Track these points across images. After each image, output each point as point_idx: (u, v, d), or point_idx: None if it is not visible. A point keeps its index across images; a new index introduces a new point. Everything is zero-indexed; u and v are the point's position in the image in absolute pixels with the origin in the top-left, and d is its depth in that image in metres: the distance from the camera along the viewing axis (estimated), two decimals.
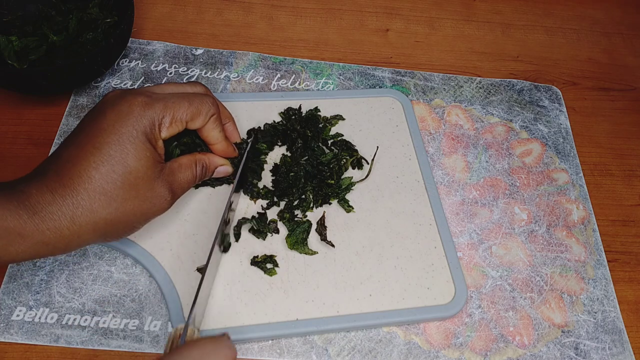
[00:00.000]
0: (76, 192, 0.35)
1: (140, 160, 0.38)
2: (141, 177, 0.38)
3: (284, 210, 0.48)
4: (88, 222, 0.36)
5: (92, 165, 0.36)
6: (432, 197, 0.51)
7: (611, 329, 0.48)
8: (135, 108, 0.38)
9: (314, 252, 0.46)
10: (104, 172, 0.36)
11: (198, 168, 0.44)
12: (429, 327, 0.45)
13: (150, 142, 0.39)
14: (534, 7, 0.74)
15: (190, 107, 0.41)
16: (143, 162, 0.38)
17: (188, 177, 0.43)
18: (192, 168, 0.43)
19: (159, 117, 0.39)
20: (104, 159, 0.36)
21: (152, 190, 0.39)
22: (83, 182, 0.36)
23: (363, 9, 0.70)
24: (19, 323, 0.42)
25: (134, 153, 0.37)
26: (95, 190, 0.36)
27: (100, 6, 0.58)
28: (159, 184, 0.39)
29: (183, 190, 0.42)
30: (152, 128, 0.39)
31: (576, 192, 0.56)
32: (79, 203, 0.35)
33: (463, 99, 0.62)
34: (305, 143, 0.52)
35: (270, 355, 0.43)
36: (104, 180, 0.36)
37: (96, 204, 0.36)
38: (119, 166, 0.37)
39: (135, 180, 0.37)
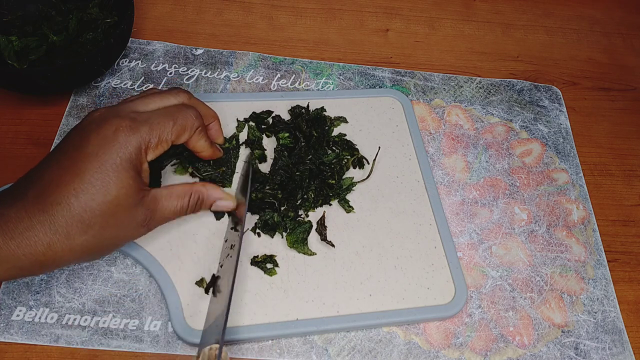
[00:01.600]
0: (54, 219, 0.35)
1: (121, 189, 0.37)
2: (121, 205, 0.37)
3: (288, 208, 0.48)
4: (64, 248, 0.36)
5: (72, 192, 0.35)
6: (432, 197, 0.51)
7: (611, 329, 0.48)
8: (120, 134, 0.37)
9: (313, 252, 0.46)
10: (84, 200, 0.36)
11: (192, 199, 0.43)
12: (429, 327, 0.45)
13: (135, 168, 0.38)
14: (534, 7, 0.74)
15: (175, 125, 0.41)
16: (124, 191, 0.37)
17: (174, 206, 0.41)
18: (182, 198, 0.42)
19: (145, 141, 0.39)
20: (84, 186, 0.36)
21: (130, 218, 0.38)
22: (62, 209, 0.35)
23: (363, 9, 0.70)
24: (19, 323, 0.42)
25: (115, 182, 0.37)
26: (73, 217, 0.35)
27: (100, 6, 0.58)
28: (139, 211, 0.39)
29: (165, 219, 0.42)
30: (137, 154, 0.38)
31: (576, 192, 0.56)
32: (57, 230, 0.35)
33: (463, 99, 0.62)
34: (309, 143, 0.52)
35: (270, 355, 0.43)
36: (82, 209, 0.36)
37: (73, 231, 0.35)
38: (99, 195, 0.36)
39: (114, 209, 0.37)
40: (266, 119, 0.54)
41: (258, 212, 0.48)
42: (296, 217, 0.48)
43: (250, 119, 0.54)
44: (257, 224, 0.47)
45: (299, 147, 0.51)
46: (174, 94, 0.43)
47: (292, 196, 0.48)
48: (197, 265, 0.45)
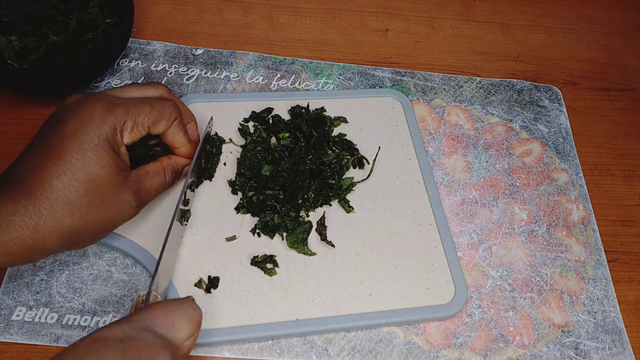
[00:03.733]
0: (38, 202, 0.35)
1: (102, 168, 0.37)
2: (105, 184, 0.37)
3: (289, 208, 0.48)
4: (51, 231, 0.35)
5: (54, 174, 0.36)
6: (432, 197, 0.51)
7: (611, 329, 0.48)
8: (96, 114, 0.38)
9: (313, 253, 0.46)
10: (66, 181, 0.36)
11: (168, 174, 0.44)
12: (429, 327, 0.45)
13: (113, 148, 0.38)
14: (534, 7, 0.74)
15: (152, 111, 0.41)
16: (106, 169, 0.37)
17: (156, 183, 0.42)
18: (160, 174, 0.43)
19: (120, 123, 0.39)
20: (65, 167, 0.36)
21: (117, 197, 0.38)
22: (45, 192, 0.35)
23: (363, 9, 0.70)
24: (19, 323, 0.42)
25: (95, 160, 0.37)
26: (57, 199, 0.35)
27: (100, 6, 0.58)
28: (124, 191, 0.39)
29: (151, 197, 0.42)
30: (113, 134, 0.38)
31: (576, 192, 0.56)
32: (42, 213, 0.35)
33: (463, 99, 0.62)
34: (309, 143, 0.52)
35: (270, 355, 0.43)
36: (66, 189, 0.36)
37: (59, 212, 0.36)
38: (81, 174, 0.36)
39: (98, 188, 0.37)
40: (266, 118, 0.54)
41: (259, 214, 0.48)
42: (297, 217, 0.48)
43: (250, 118, 0.54)
44: (257, 225, 0.47)
45: (299, 147, 0.51)
46: (152, 87, 0.44)
47: (294, 197, 0.48)
48: (197, 265, 0.45)
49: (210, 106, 0.55)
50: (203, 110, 0.54)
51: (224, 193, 0.49)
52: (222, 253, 0.46)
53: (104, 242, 0.45)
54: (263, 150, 0.51)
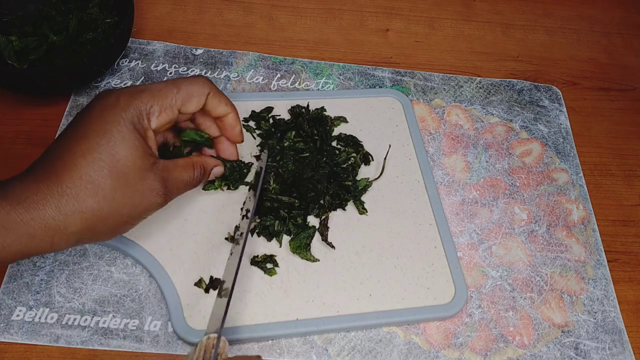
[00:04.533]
0: (61, 180, 0.35)
1: (128, 149, 0.37)
2: (130, 166, 0.37)
3: (299, 214, 0.48)
4: (74, 211, 0.35)
5: (78, 153, 0.36)
6: (432, 197, 0.51)
7: (611, 329, 0.48)
8: (121, 99, 0.38)
9: (316, 259, 0.46)
10: (90, 160, 0.36)
11: (197, 171, 0.43)
12: (429, 327, 0.45)
13: (139, 131, 0.38)
14: (534, 7, 0.74)
15: (180, 91, 0.40)
16: (131, 152, 0.37)
17: (185, 178, 0.42)
18: (189, 169, 0.43)
19: (146, 107, 0.39)
20: (90, 147, 0.36)
21: (143, 182, 0.38)
22: (69, 170, 0.35)
23: (363, 9, 0.70)
24: (19, 323, 0.42)
25: (120, 141, 0.37)
26: (81, 178, 0.35)
27: (100, 6, 0.58)
28: (151, 177, 0.38)
29: (179, 190, 0.42)
30: (139, 118, 0.38)
31: (576, 192, 0.56)
32: (64, 191, 0.35)
33: (463, 99, 0.62)
34: (315, 144, 0.52)
35: (270, 355, 0.43)
36: (90, 168, 0.35)
37: (82, 192, 0.35)
38: (105, 154, 0.36)
39: (123, 169, 0.37)
40: (267, 117, 0.54)
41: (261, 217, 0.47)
42: (304, 223, 0.48)
43: (250, 118, 0.54)
44: (256, 227, 0.47)
45: (311, 149, 0.51)
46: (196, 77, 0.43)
47: (308, 204, 0.48)
48: (197, 265, 0.45)
49: None
50: None
51: (224, 193, 0.49)
52: (222, 253, 0.46)
53: (104, 242, 0.45)
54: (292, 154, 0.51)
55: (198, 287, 0.44)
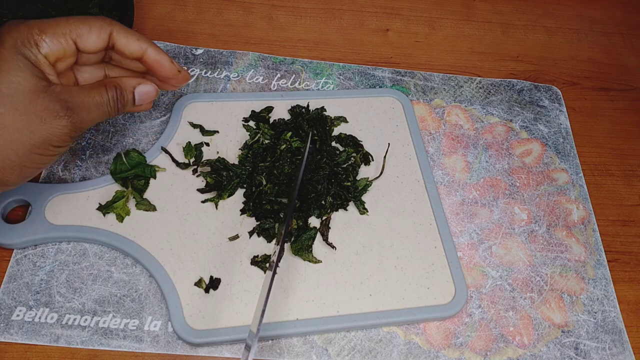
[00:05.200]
0: None
1: (10, 71, 0.35)
2: (15, 87, 0.35)
3: (299, 216, 0.47)
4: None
5: None
6: (432, 197, 0.51)
7: (611, 329, 0.48)
8: (6, 27, 0.36)
9: (318, 260, 0.46)
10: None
11: (110, 91, 0.40)
12: (429, 327, 0.45)
13: (23, 54, 0.36)
14: (534, 7, 0.74)
15: (74, 21, 0.38)
16: (15, 73, 0.35)
17: (96, 99, 0.39)
18: (101, 90, 0.39)
19: (31, 32, 0.36)
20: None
21: (35, 103, 0.35)
22: None
23: (363, 9, 0.70)
24: (19, 323, 0.42)
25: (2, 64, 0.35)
26: None
27: (100, 6, 0.58)
28: (46, 98, 0.36)
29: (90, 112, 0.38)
30: (23, 42, 0.36)
31: (576, 192, 0.56)
32: None
33: (463, 99, 0.62)
34: (315, 145, 0.52)
35: (270, 355, 0.43)
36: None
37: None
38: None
39: (8, 91, 0.34)
40: (267, 116, 0.54)
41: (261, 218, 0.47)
42: (305, 225, 0.48)
43: (250, 118, 0.54)
44: (255, 229, 0.47)
45: (310, 150, 0.51)
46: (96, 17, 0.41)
47: (309, 206, 0.48)
48: (197, 265, 0.45)
49: (211, 106, 0.55)
50: (203, 110, 0.54)
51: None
52: (222, 253, 0.46)
53: (104, 242, 0.45)
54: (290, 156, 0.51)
55: (198, 287, 0.44)
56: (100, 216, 0.46)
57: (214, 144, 0.52)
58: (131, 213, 0.46)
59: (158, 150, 0.51)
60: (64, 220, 0.45)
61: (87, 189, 0.47)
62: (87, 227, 0.45)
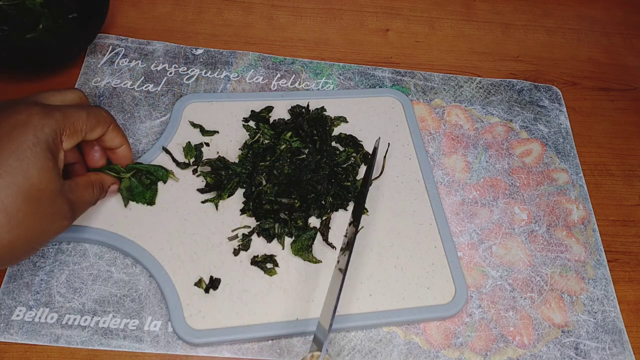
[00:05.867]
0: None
1: (42, 171, 0.34)
2: (43, 190, 0.35)
3: (299, 216, 0.48)
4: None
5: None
6: (432, 197, 0.51)
7: (611, 329, 0.48)
8: (33, 117, 0.35)
9: (318, 260, 0.46)
10: (4, 185, 0.33)
11: (96, 189, 0.42)
12: (429, 327, 0.45)
13: (52, 153, 0.36)
14: (534, 7, 0.74)
15: (89, 117, 0.39)
16: (45, 174, 0.35)
17: (87, 197, 0.41)
18: (90, 189, 0.42)
19: (60, 127, 0.37)
20: (2, 170, 0.33)
21: (53, 206, 0.36)
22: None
23: (363, 9, 0.70)
24: (19, 323, 0.42)
25: (35, 163, 0.34)
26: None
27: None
28: (61, 200, 0.36)
29: (82, 210, 0.41)
30: (54, 138, 0.36)
31: (576, 192, 0.56)
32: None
33: (463, 99, 0.62)
34: (315, 145, 0.52)
35: (270, 355, 0.43)
36: (3, 194, 0.32)
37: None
38: (19, 178, 0.33)
39: (37, 194, 0.34)
40: (267, 116, 0.54)
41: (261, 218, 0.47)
42: (305, 225, 0.48)
43: (250, 118, 0.54)
44: (255, 229, 0.47)
45: (310, 151, 0.51)
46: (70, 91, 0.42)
47: (309, 206, 0.48)
48: (197, 265, 0.45)
49: (210, 106, 0.55)
50: (203, 110, 0.54)
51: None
52: (222, 253, 0.46)
53: (104, 242, 0.45)
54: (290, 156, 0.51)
55: (198, 287, 0.44)
56: (100, 216, 0.46)
57: (214, 144, 0.52)
58: (130, 210, 0.46)
59: (158, 150, 0.51)
60: None
61: None
62: (87, 227, 0.45)
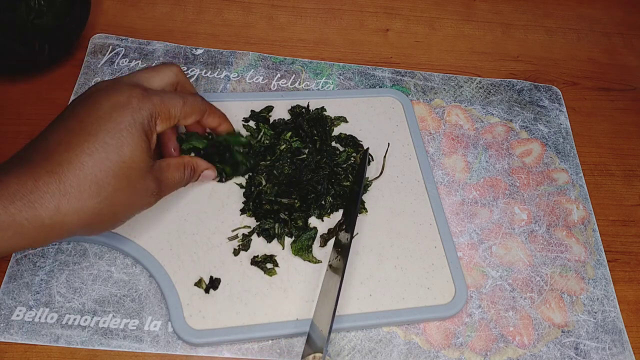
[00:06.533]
0: (64, 179, 0.34)
1: (135, 151, 0.37)
2: (135, 167, 0.37)
3: (300, 216, 0.47)
4: (73, 211, 0.34)
5: (85, 151, 0.35)
6: (432, 197, 0.51)
7: (611, 329, 0.48)
8: (133, 100, 0.38)
9: (318, 260, 0.46)
10: (98, 160, 0.35)
11: (187, 171, 0.44)
12: (429, 327, 0.45)
13: (146, 134, 0.39)
14: (534, 7, 0.74)
15: (185, 105, 0.42)
16: (138, 153, 0.37)
17: (176, 178, 0.43)
18: (181, 169, 0.44)
19: (156, 111, 0.39)
20: (99, 146, 0.35)
21: (142, 183, 0.39)
22: (73, 169, 0.34)
23: (363, 9, 0.70)
24: (19, 323, 0.42)
25: (130, 142, 0.37)
26: (85, 177, 0.35)
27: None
28: (149, 178, 0.39)
29: (170, 189, 0.43)
30: (149, 120, 0.39)
31: (576, 192, 0.56)
32: (66, 190, 0.34)
33: (463, 99, 0.62)
34: (315, 145, 0.52)
35: (270, 355, 0.43)
36: (97, 168, 0.35)
37: (85, 192, 0.35)
38: (114, 154, 0.36)
39: (128, 171, 0.37)
40: (267, 116, 0.54)
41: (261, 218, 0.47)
42: (305, 225, 0.48)
43: (250, 118, 0.54)
44: (255, 229, 0.47)
45: (310, 151, 0.51)
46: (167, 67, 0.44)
47: (309, 206, 0.48)
48: (197, 265, 0.45)
49: None
50: None
51: (224, 192, 0.49)
52: (222, 253, 0.46)
53: (104, 241, 0.45)
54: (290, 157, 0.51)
55: (198, 287, 0.44)
56: None
57: None
58: None
59: None
60: None
61: None
62: None
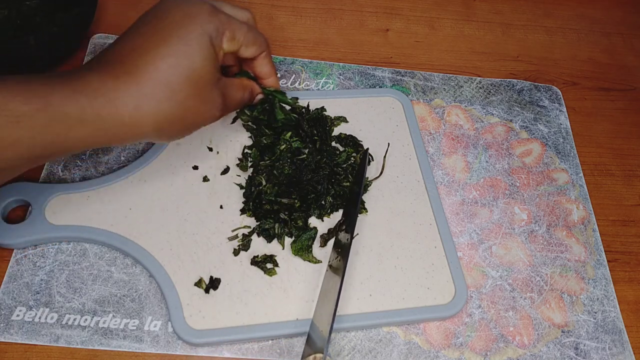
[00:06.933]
0: (142, 80, 0.35)
1: (205, 60, 0.38)
2: (203, 76, 0.38)
3: (299, 216, 0.47)
4: (150, 112, 0.36)
5: (159, 55, 0.36)
6: (432, 197, 0.51)
7: (611, 329, 0.48)
8: (203, 12, 0.39)
9: (318, 260, 0.46)
10: (171, 64, 0.36)
11: (247, 93, 0.46)
12: (429, 327, 0.45)
13: (214, 47, 0.39)
14: (534, 7, 0.74)
15: (249, 32, 0.42)
16: (207, 63, 0.38)
17: (239, 96, 0.44)
18: (242, 90, 0.45)
19: (223, 28, 0.40)
20: (171, 51, 0.37)
21: (210, 93, 0.40)
22: (149, 72, 0.36)
23: (363, 9, 0.70)
24: (19, 323, 0.42)
25: (199, 52, 0.38)
26: (160, 81, 0.36)
27: None
28: (216, 91, 0.40)
29: (233, 107, 0.44)
30: (217, 34, 0.39)
31: (576, 192, 0.56)
32: (143, 91, 0.35)
33: (463, 99, 0.62)
34: (315, 145, 0.52)
35: (270, 355, 0.43)
36: (170, 72, 0.36)
37: (160, 94, 0.36)
38: (185, 61, 0.37)
39: (198, 79, 0.38)
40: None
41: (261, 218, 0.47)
42: (305, 225, 0.48)
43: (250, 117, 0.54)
44: (256, 229, 0.47)
45: (310, 151, 0.51)
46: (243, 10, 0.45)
47: (309, 206, 0.48)
48: (197, 265, 0.45)
49: None
50: None
51: (224, 192, 0.49)
52: (222, 253, 0.46)
53: (104, 242, 0.45)
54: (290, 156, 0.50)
55: (198, 287, 0.44)
56: (100, 216, 0.46)
57: (215, 144, 0.52)
58: (130, 210, 0.46)
59: (159, 149, 0.50)
60: (64, 220, 0.45)
61: (87, 189, 0.47)
62: (87, 227, 0.45)
